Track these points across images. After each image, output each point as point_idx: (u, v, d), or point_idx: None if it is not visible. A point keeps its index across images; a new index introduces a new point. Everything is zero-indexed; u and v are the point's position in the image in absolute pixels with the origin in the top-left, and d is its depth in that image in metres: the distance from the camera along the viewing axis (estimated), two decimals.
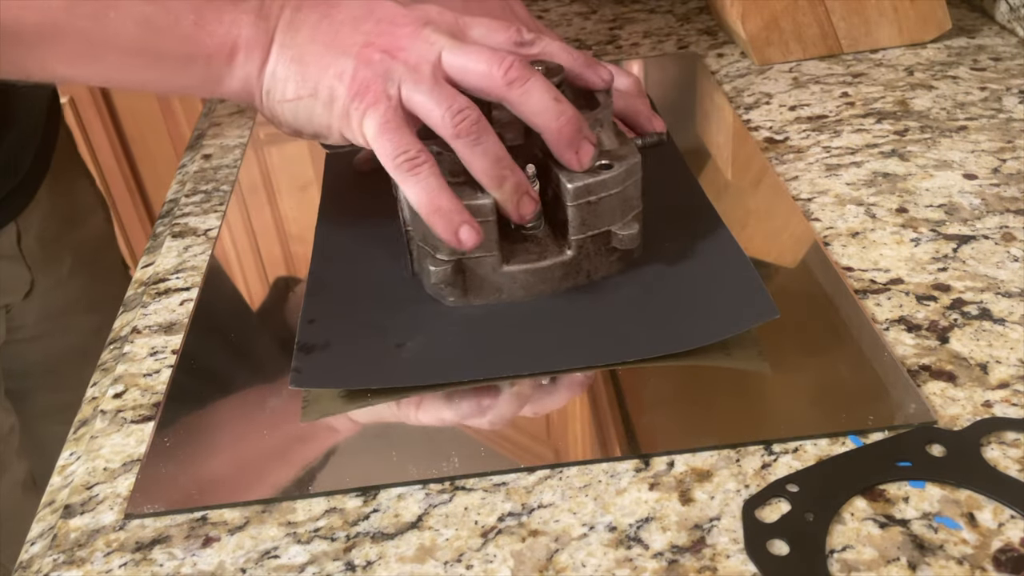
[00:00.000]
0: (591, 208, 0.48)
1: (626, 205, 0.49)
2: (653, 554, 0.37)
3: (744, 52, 0.81)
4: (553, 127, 0.46)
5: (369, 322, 0.50)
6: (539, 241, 0.50)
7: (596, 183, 0.48)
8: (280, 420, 0.45)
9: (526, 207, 0.48)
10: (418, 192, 0.45)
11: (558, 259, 0.49)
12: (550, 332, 0.48)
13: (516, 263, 0.49)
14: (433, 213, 0.46)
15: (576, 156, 0.47)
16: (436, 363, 0.47)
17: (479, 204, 0.47)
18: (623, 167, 0.48)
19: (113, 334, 0.55)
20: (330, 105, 0.47)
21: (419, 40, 0.47)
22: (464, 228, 0.46)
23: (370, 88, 0.46)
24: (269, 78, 0.48)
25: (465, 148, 0.46)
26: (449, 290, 0.50)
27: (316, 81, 0.47)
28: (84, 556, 0.40)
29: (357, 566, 0.38)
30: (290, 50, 0.47)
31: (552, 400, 0.45)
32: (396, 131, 0.45)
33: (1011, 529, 0.36)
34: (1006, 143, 0.63)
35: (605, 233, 0.49)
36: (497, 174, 0.46)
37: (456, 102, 0.45)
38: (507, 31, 0.50)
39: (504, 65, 0.46)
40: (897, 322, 0.48)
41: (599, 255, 0.50)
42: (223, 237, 0.62)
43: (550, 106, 0.46)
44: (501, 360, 0.46)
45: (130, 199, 1.81)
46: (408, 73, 0.46)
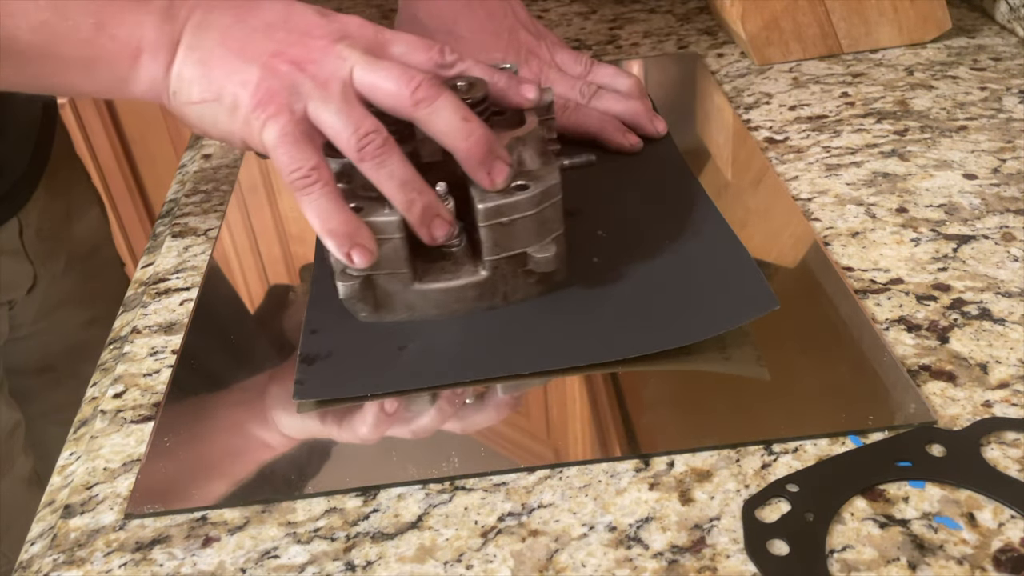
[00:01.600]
0: (504, 229, 0.47)
1: (543, 227, 0.48)
2: (653, 554, 0.37)
3: (744, 52, 0.81)
4: (462, 146, 0.46)
5: (370, 328, 0.50)
6: (456, 259, 0.49)
7: (508, 204, 0.47)
8: (280, 420, 0.45)
9: (438, 229, 0.47)
10: (310, 211, 0.45)
11: (472, 279, 0.49)
12: (551, 330, 0.48)
13: (428, 281, 0.49)
14: (325, 233, 0.45)
15: (488, 176, 0.47)
16: (437, 365, 0.47)
17: (385, 221, 0.46)
18: (539, 188, 0.47)
19: (113, 334, 0.55)
20: (233, 112, 0.46)
21: (331, 55, 0.46)
22: (356, 249, 0.45)
23: (273, 99, 0.45)
24: (175, 79, 0.47)
25: (371, 171, 0.45)
26: (360, 305, 0.49)
27: (220, 86, 0.46)
28: (84, 556, 0.40)
29: (357, 566, 0.38)
30: (197, 52, 0.47)
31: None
32: (294, 145, 0.45)
33: (1011, 529, 0.36)
34: (1006, 143, 0.63)
35: (521, 255, 0.48)
36: (405, 197, 0.46)
37: (363, 125, 0.45)
38: (428, 50, 0.49)
39: (412, 84, 0.45)
40: (897, 322, 0.48)
41: (516, 277, 0.49)
42: (223, 237, 0.62)
43: (458, 126, 0.45)
44: (502, 360, 0.46)
45: (130, 199, 1.81)
46: (316, 89, 0.45)
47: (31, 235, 0.74)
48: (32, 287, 0.75)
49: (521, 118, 0.51)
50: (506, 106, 0.51)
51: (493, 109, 0.51)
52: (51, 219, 0.76)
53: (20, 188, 0.72)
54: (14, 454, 0.77)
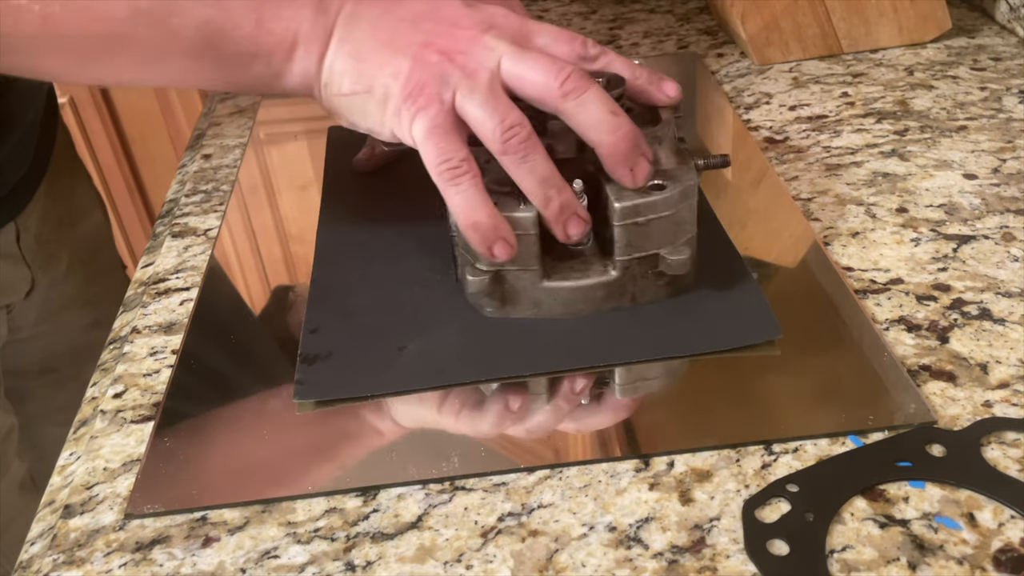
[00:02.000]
0: (639, 229, 0.46)
1: (678, 229, 0.47)
2: (653, 554, 0.37)
3: (744, 52, 0.81)
4: (608, 141, 0.45)
5: (371, 325, 0.50)
6: (585, 258, 0.48)
7: (645, 204, 0.46)
8: (280, 420, 0.45)
9: (573, 227, 0.46)
10: (457, 202, 0.45)
11: (601, 279, 0.48)
12: (550, 333, 0.48)
13: (557, 279, 0.48)
14: (469, 226, 0.45)
15: (630, 173, 0.46)
16: (438, 365, 0.47)
17: (520, 217, 0.46)
18: (677, 189, 0.46)
19: (113, 334, 0.55)
20: (384, 103, 0.46)
21: (479, 45, 0.46)
22: (499, 243, 0.45)
23: (424, 90, 0.45)
24: (327, 72, 0.47)
25: (512, 164, 0.45)
26: (487, 300, 0.48)
27: (372, 78, 0.46)
28: (84, 556, 0.40)
29: (357, 566, 0.38)
30: (348, 44, 0.47)
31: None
32: (443, 136, 0.45)
33: (1011, 529, 0.36)
34: (1006, 143, 0.63)
35: (653, 256, 0.47)
36: (543, 193, 0.45)
37: (508, 117, 0.44)
38: (572, 42, 0.48)
39: (562, 75, 0.44)
40: (897, 322, 0.48)
41: (646, 278, 0.48)
42: (223, 237, 0.62)
43: (606, 119, 0.45)
44: (502, 361, 0.46)
45: (130, 199, 1.81)
46: (464, 79, 0.45)
47: (29, 240, 0.73)
48: (30, 291, 0.75)
49: (654, 115, 0.50)
50: (644, 102, 0.50)
51: (626, 105, 0.49)
52: (52, 222, 0.76)
53: (18, 192, 0.72)
54: (8, 458, 0.77)
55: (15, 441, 0.78)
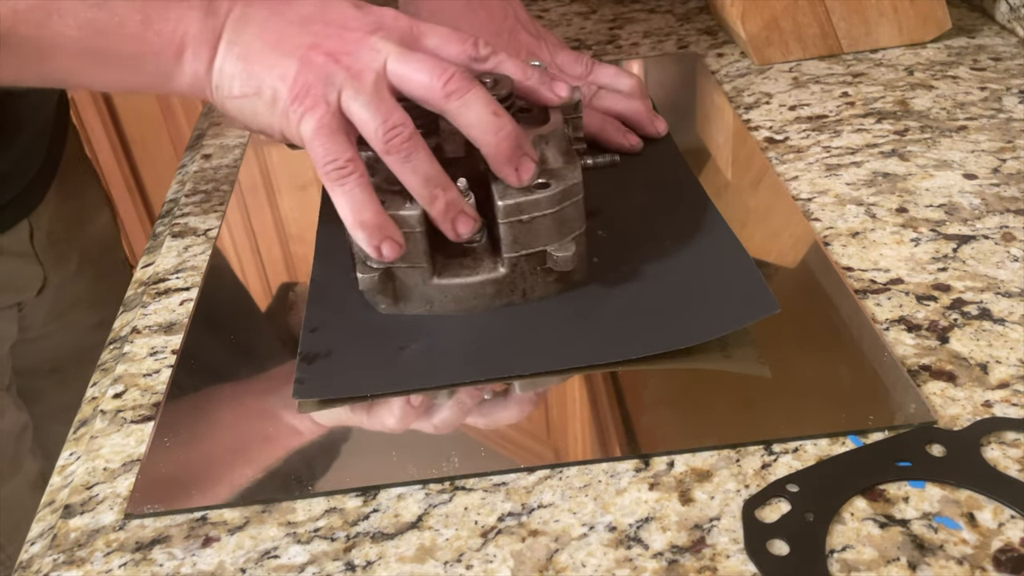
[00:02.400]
0: (524, 227, 0.47)
1: (564, 226, 0.48)
2: (653, 554, 0.37)
3: (744, 52, 0.81)
4: (490, 141, 0.46)
5: (371, 326, 0.50)
6: (476, 255, 0.49)
7: (528, 202, 0.47)
8: (280, 420, 0.45)
9: (461, 225, 0.47)
10: (342, 202, 0.45)
11: (490, 275, 0.49)
12: (552, 331, 0.48)
13: (447, 276, 0.49)
14: (356, 226, 0.46)
15: (515, 172, 0.47)
16: (438, 365, 0.47)
17: (406, 215, 0.46)
18: (560, 187, 0.47)
19: (113, 334, 0.55)
20: (272, 105, 0.47)
21: (365, 46, 0.46)
22: (386, 243, 0.46)
23: (310, 91, 0.46)
24: (217, 74, 0.48)
25: (396, 164, 0.45)
26: (380, 298, 0.49)
27: (260, 80, 0.47)
28: (84, 556, 0.40)
29: (357, 566, 0.38)
30: (237, 47, 0.47)
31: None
32: (329, 137, 0.45)
33: (1011, 529, 0.36)
34: (1006, 143, 0.63)
35: (541, 253, 0.48)
36: (428, 192, 0.46)
37: (391, 117, 0.45)
38: (462, 43, 0.49)
39: (444, 76, 0.45)
40: (897, 322, 0.48)
41: (535, 275, 0.49)
42: (223, 237, 0.62)
43: (488, 120, 0.46)
44: (503, 361, 0.46)
45: (130, 199, 1.81)
46: (349, 80, 0.45)
47: (41, 238, 0.74)
48: (42, 289, 0.76)
49: (547, 115, 0.51)
50: (535, 103, 0.51)
51: (519, 106, 0.51)
52: (63, 221, 0.77)
53: (32, 191, 0.72)
54: (21, 456, 0.77)
55: (28, 440, 0.78)
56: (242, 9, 0.48)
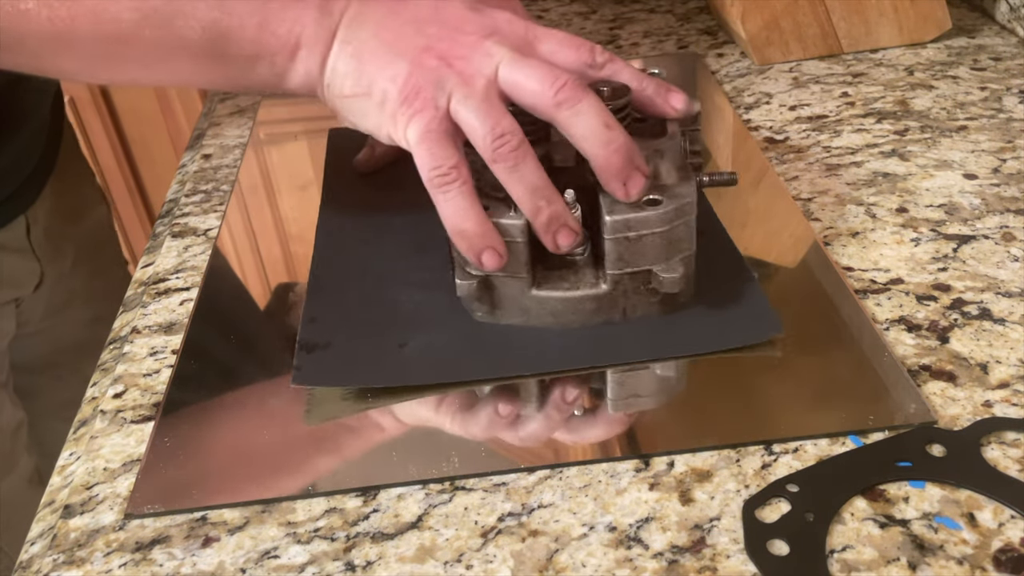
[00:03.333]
0: (630, 244, 0.45)
1: (672, 246, 0.46)
2: (653, 554, 0.37)
3: (744, 52, 0.81)
4: (600, 154, 0.44)
5: (371, 321, 0.50)
6: (578, 269, 0.48)
7: (637, 219, 0.45)
8: (280, 420, 0.45)
9: (563, 238, 0.46)
10: (445, 209, 0.45)
11: (591, 292, 0.47)
12: (551, 334, 0.48)
13: (546, 288, 0.47)
14: (457, 234, 0.45)
15: (623, 187, 0.45)
16: (438, 363, 0.47)
17: (508, 224, 0.45)
18: (672, 205, 0.45)
19: (113, 334, 0.55)
20: (381, 106, 0.46)
21: (479, 51, 0.45)
22: (487, 252, 0.45)
23: (420, 94, 0.45)
24: (330, 73, 0.47)
25: (503, 173, 0.44)
26: (476, 305, 0.48)
27: (371, 80, 0.46)
28: (84, 556, 0.40)
29: (357, 566, 0.38)
30: (351, 45, 0.47)
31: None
32: (436, 143, 0.44)
33: (1011, 529, 0.36)
34: (1006, 143, 0.63)
35: (645, 272, 0.46)
36: (533, 203, 0.45)
37: (500, 124, 0.44)
38: (579, 49, 0.48)
39: (556, 84, 0.44)
40: (897, 322, 0.48)
41: (638, 294, 0.47)
42: (223, 237, 0.62)
43: (599, 132, 0.44)
44: (502, 361, 0.46)
45: (130, 199, 1.81)
46: (460, 85, 0.45)
47: (39, 233, 0.74)
48: (39, 285, 0.76)
49: (663, 127, 0.49)
50: (651, 114, 0.49)
51: (635, 116, 0.49)
52: (59, 217, 0.77)
53: (29, 186, 0.73)
54: (17, 453, 0.78)
55: (24, 436, 0.79)
56: (358, 8, 0.48)
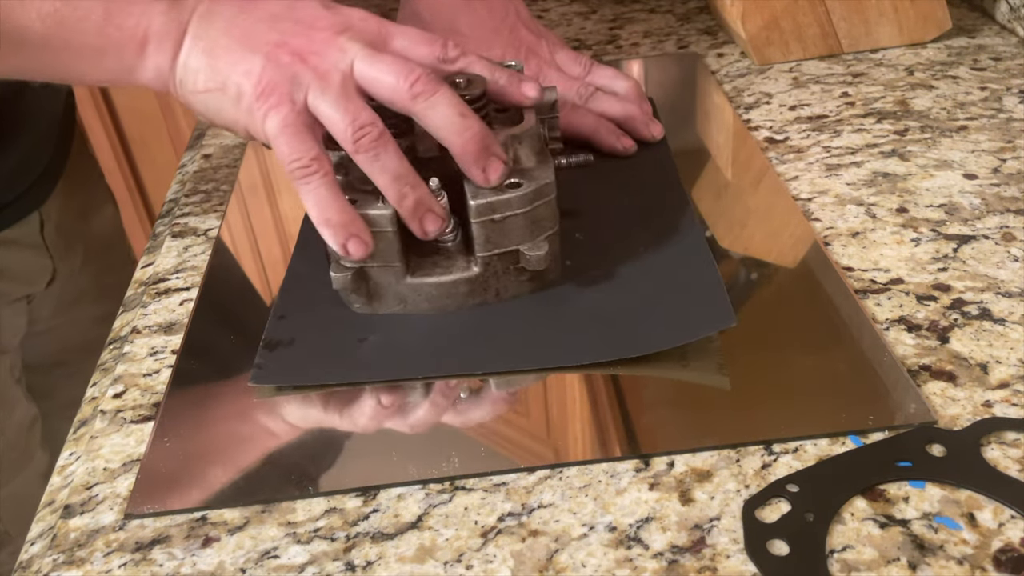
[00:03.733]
0: (495, 226, 0.48)
1: (536, 226, 0.48)
2: (653, 554, 0.37)
3: (744, 52, 0.81)
4: (457, 142, 0.46)
5: (334, 317, 0.50)
6: (450, 255, 0.50)
7: (500, 201, 0.47)
8: (280, 420, 0.45)
9: (430, 224, 0.47)
10: (309, 201, 0.46)
11: (464, 275, 0.49)
12: (511, 332, 0.48)
13: (420, 275, 0.49)
14: (322, 223, 0.46)
15: (483, 173, 0.47)
16: (395, 359, 0.47)
17: (377, 214, 0.47)
18: (532, 186, 0.48)
19: (113, 334, 0.55)
20: (237, 101, 0.47)
21: (333, 47, 0.47)
22: (352, 240, 0.46)
23: (275, 90, 0.46)
24: (181, 68, 0.48)
25: (365, 163, 0.46)
26: (353, 297, 0.50)
27: (225, 76, 0.47)
28: (84, 556, 0.40)
29: (357, 566, 0.38)
30: (202, 41, 0.47)
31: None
32: (294, 136, 0.46)
33: (1011, 529, 0.36)
34: (1006, 143, 0.63)
35: (513, 252, 0.49)
36: (398, 190, 0.46)
37: (360, 116, 0.45)
38: (431, 44, 0.49)
39: (411, 78, 0.46)
40: (897, 322, 0.48)
41: (508, 274, 0.49)
42: (223, 237, 0.62)
43: (455, 121, 0.46)
44: (458, 358, 0.47)
45: (130, 199, 1.81)
46: (316, 80, 0.46)
47: (51, 229, 0.74)
48: (51, 281, 0.76)
49: (521, 115, 0.51)
50: (506, 103, 0.51)
51: (495, 106, 0.51)
52: (70, 214, 0.77)
53: (42, 183, 0.73)
54: (32, 448, 0.78)
55: (39, 432, 0.79)
56: (208, 5, 0.48)
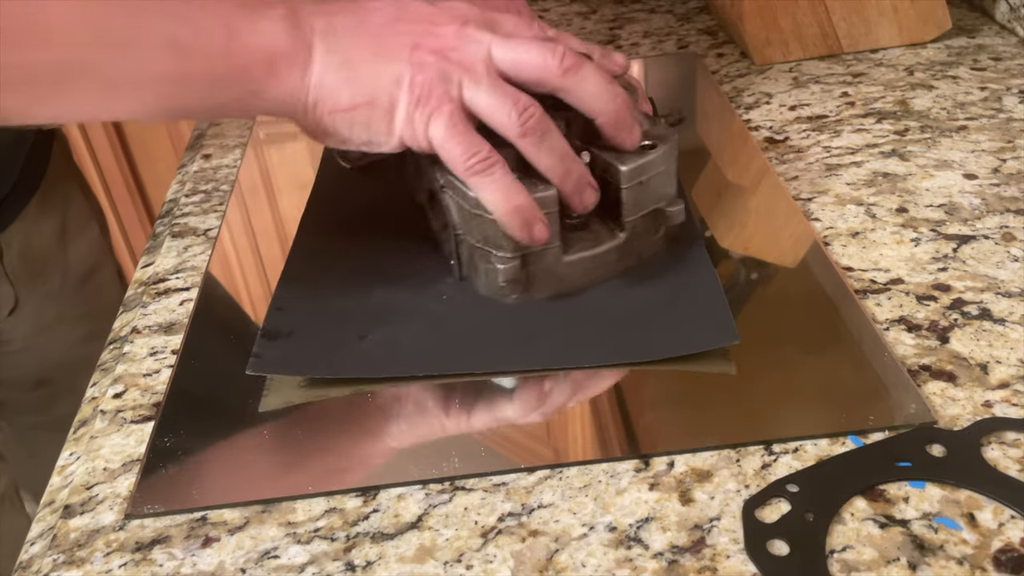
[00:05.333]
0: (642, 188, 0.49)
1: (669, 182, 0.50)
2: (653, 554, 0.37)
3: (744, 52, 0.81)
4: (611, 109, 0.47)
5: (337, 311, 0.50)
6: (589, 228, 0.50)
7: (646, 163, 0.48)
8: (280, 420, 0.45)
9: (589, 197, 0.48)
10: (495, 192, 0.45)
11: (613, 243, 0.50)
12: (510, 332, 0.48)
13: (575, 252, 0.49)
14: (510, 212, 0.46)
15: (631, 136, 0.48)
16: (395, 357, 0.47)
17: (544, 196, 0.47)
18: (666, 145, 0.49)
19: (113, 334, 0.55)
20: (390, 112, 0.45)
21: (467, 39, 0.46)
22: (538, 224, 0.46)
23: (432, 92, 0.45)
24: (317, 88, 0.45)
25: (532, 146, 0.46)
26: (511, 287, 0.49)
27: (372, 88, 0.45)
28: (84, 556, 0.40)
29: (357, 566, 0.38)
30: (335, 56, 0.45)
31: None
32: (464, 133, 0.45)
33: (1011, 529, 0.36)
34: (1006, 143, 0.63)
35: (653, 212, 0.50)
36: (563, 169, 0.47)
37: (520, 100, 0.45)
38: (531, 24, 0.50)
39: (558, 54, 0.46)
40: (897, 322, 0.48)
41: (647, 234, 0.51)
42: (223, 237, 0.62)
43: (606, 89, 0.47)
44: (458, 358, 0.47)
45: (130, 199, 1.81)
46: (465, 73, 0.45)
47: (13, 257, 0.72)
48: (14, 309, 0.74)
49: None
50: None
51: None
52: (41, 239, 0.74)
53: (4, 209, 0.70)
54: None
55: None
56: (326, 21, 0.46)
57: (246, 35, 0.44)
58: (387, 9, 0.47)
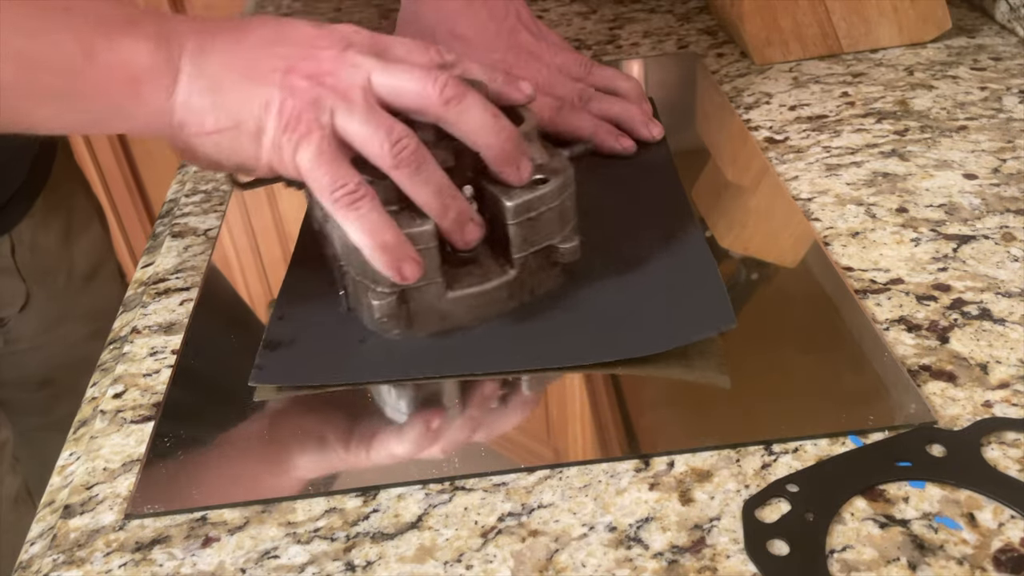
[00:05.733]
0: (531, 224, 0.47)
1: (563, 218, 0.48)
2: (653, 554, 0.37)
3: (744, 52, 0.81)
4: (495, 143, 0.45)
5: (336, 318, 0.50)
6: (479, 263, 0.48)
7: (535, 199, 0.47)
8: (280, 420, 0.45)
9: (471, 233, 0.46)
10: (360, 227, 0.43)
11: (502, 279, 0.48)
12: (508, 332, 0.48)
13: (460, 288, 0.47)
14: (377, 249, 0.43)
15: (517, 172, 0.46)
16: (395, 360, 0.47)
17: (420, 231, 0.45)
18: (559, 180, 0.47)
19: (113, 334, 0.55)
20: (257, 137, 0.44)
21: (345, 63, 0.44)
22: (407, 263, 0.44)
23: (301, 118, 0.43)
24: (182, 110, 0.44)
25: (406, 178, 0.44)
26: (391, 323, 0.47)
27: (239, 112, 0.44)
28: (84, 556, 0.40)
29: (357, 566, 0.38)
30: (202, 80, 0.44)
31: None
32: (332, 163, 0.43)
33: (1011, 529, 0.36)
34: (1006, 143, 0.63)
35: (546, 248, 0.48)
36: (441, 203, 0.45)
37: (394, 130, 0.43)
38: (427, 51, 0.47)
39: (439, 83, 0.44)
40: (897, 322, 0.48)
41: (541, 270, 0.49)
42: (223, 237, 0.62)
43: (490, 123, 0.45)
44: (459, 359, 0.47)
45: (130, 199, 1.81)
46: (339, 100, 0.43)
47: (24, 252, 0.72)
48: (25, 305, 0.74)
49: (519, 115, 0.50)
50: (503, 103, 0.50)
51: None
52: (50, 234, 0.75)
53: (14, 205, 0.71)
54: (2, 474, 0.76)
55: (8, 455, 0.77)
56: (197, 40, 0.44)
57: (103, 53, 0.42)
58: (265, 31, 0.46)
